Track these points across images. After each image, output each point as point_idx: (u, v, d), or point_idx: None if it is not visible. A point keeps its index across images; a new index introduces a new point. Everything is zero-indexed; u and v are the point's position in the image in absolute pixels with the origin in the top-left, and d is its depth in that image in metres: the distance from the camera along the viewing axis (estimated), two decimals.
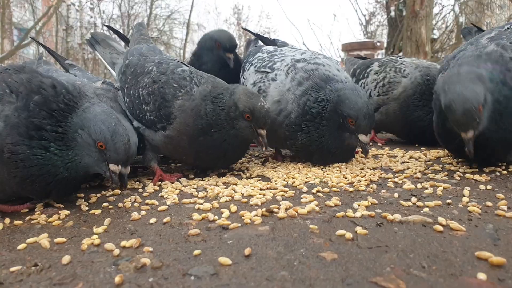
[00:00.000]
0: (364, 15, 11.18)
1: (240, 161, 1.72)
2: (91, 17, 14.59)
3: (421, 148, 1.89)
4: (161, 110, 1.39)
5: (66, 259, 0.77)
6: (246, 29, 2.48)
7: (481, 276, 0.65)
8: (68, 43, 13.78)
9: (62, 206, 1.12)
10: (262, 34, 2.33)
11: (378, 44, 7.75)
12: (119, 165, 1.10)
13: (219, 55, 2.03)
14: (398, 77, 2.01)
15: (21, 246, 0.85)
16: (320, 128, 1.48)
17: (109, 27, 2.48)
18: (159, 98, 1.41)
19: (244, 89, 1.41)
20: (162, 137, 1.41)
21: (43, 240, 0.87)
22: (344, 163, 1.55)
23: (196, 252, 0.78)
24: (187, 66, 1.54)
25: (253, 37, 2.27)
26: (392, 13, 8.00)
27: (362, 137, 1.43)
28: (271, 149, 1.84)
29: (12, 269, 0.74)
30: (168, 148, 1.44)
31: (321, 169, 1.47)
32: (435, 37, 8.65)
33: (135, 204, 1.13)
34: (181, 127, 1.36)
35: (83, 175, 1.14)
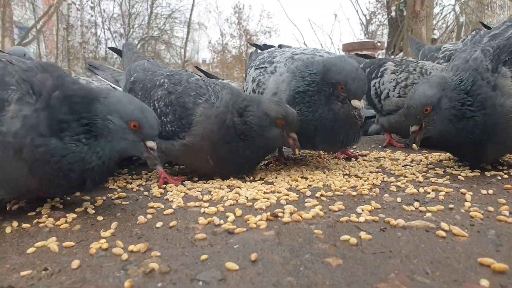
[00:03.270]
0: (365, 15, 11.20)
1: None
2: (92, 16, 14.61)
3: (423, 151, 1.90)
4: (182, 119, 1.40)
5: (75, 263, 0.78)
6: (253, 44, 2.46)
7: (484, 282, 0.66)
8: (68, 42, 13.79)
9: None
10: (266, 42, 2.36)
11: (379, 44, 7.76)
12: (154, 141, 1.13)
13: None
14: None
15: (31, 250, 0.86)
16: (312, 106, 1.43)
17: (112, 49, 2.58)
18: (179, 108, 1.42)
19: (269, 98, 1.44)
20: (181, 146, 1.40)
21: (52, 244, 0.88)
22: (347, 163, 1.56)
23: (203, 257, 0.79)
24: (198, 75, 1.57)
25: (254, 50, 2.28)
26: (393, 13, 8.01)
27: (355, 102, 1.35)
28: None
29: (22, 273, 0.75)
30: (188, 156, 1.44)
31: (324, 172, 1.48)
32: (435, 37, 8.67)
33: (141, 208, 1.14)
34: (204, 132, 1.37)
35: (117, 160, 1.16)
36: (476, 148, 1.36)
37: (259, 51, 2.12)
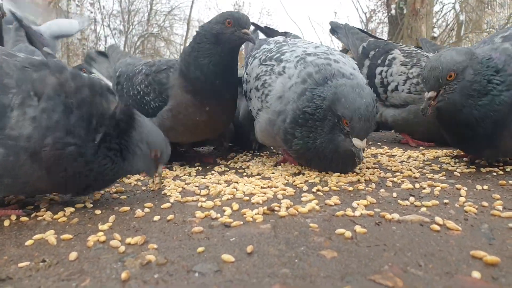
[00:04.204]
0: (365, 13, 11.17)
1: (241, 159, 1.74)
2: (91, 12, 14.55)
3: (420, 148, 1.91)
4: (162, 94, 1.58)
5: (73, 255, 0.79)
6: (253, 23, 2.00)
7: (476, 274, 0.67)
8: (68, 38, 13.74)
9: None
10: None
11: None
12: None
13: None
14: None
15: (29, 242, 0.87)
16: (313, 131, 1.33)
17: (99, 52, 2.77)
18: (156, 85, 1.60)
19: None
20: (167, 112, 1.57)
21: (50, 236, 0.89)
22: None
23: (200, 249, 0.80)
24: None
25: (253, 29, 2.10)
26: (393, 11, 7.99)
27: (356, 141, 1.24)
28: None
29: (20, 264, 0.76)
30: (178, 119, 1.57)
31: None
32: (435, 35, 8.65)
33: (139, 202, 1.15)
34: (180, 92, 1.55)
35: None
36: (491, 137, 1.30)
37: (260, 34, 2.07)
